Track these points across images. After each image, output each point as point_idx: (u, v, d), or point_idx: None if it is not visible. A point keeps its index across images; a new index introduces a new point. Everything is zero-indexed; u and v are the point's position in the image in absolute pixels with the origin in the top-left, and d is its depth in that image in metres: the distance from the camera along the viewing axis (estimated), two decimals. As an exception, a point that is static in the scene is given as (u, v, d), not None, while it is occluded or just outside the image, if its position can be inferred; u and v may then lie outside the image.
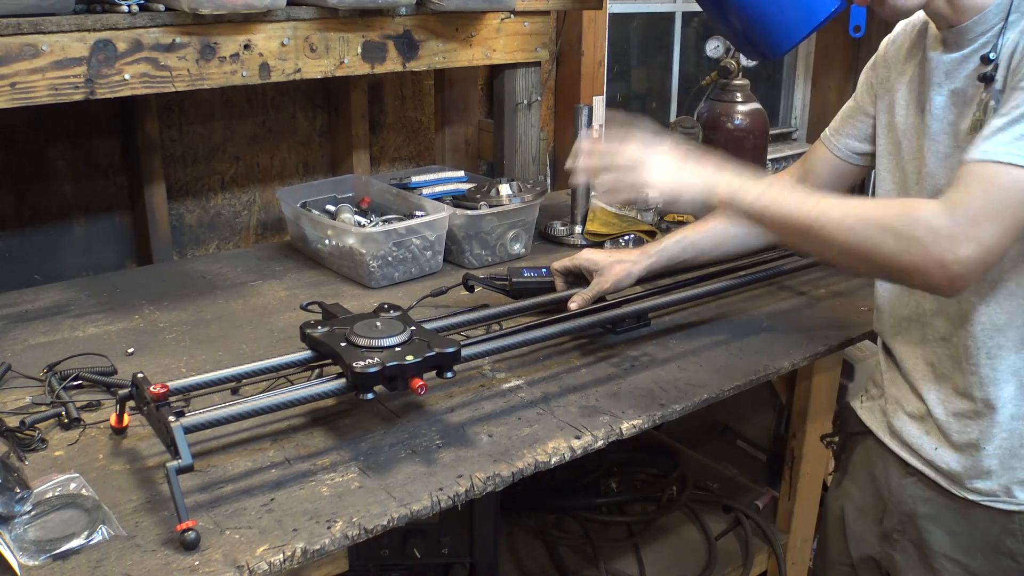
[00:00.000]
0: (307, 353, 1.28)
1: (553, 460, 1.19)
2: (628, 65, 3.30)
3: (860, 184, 1.56)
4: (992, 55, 1.12)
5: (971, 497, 1.23)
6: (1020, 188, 1.00)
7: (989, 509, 1.23)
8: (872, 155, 1.40)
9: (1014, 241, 1.02)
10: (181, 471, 1.01)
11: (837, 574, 1.49)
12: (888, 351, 1.38)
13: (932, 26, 1.24)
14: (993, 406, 1.20)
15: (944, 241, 1.01)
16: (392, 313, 1.30)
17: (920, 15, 1.30)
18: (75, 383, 1.35)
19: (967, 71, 1.17)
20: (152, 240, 2.07)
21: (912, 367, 1.31)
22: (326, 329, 1.25)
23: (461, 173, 2.13)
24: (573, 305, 1.49)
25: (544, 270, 1.72)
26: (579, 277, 1.60)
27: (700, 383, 1.40)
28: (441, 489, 1.11)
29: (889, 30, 1.38)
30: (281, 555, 0.98)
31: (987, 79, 1.13)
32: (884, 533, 1.36)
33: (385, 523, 1.05)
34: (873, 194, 1.39)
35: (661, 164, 1.21)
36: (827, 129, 1.50)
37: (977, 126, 1.13)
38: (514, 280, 1.67)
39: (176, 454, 1.02)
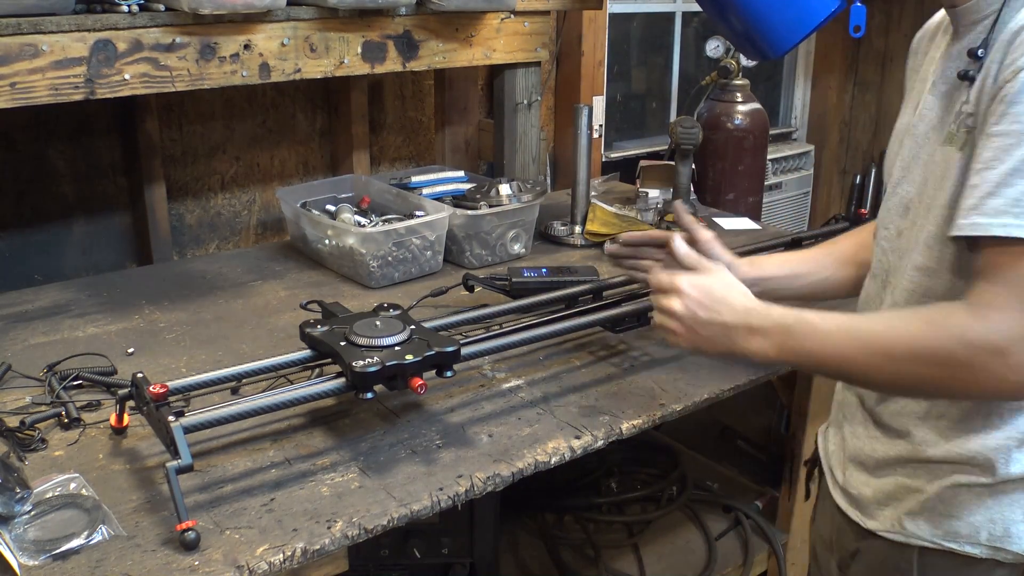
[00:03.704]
0: (307, 352, 1.28)
1: (553, 460, 1.19)
2: (628, 65, 3.30)
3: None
4: (981, 52, 0.96)
5: (870, 526, 1.13)
6: None
7: (888, 542, 1.12)
8: None
9: None
10: (181, 471, 1.01)
11: None
12: None
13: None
14: (910, 440, 1.09)
15: (988, 356, 0.89)
16: (392, 312, 1.30)
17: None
18: (75, 383, 1.35)
19: (960, 66, 1.02)
20: (152, 240, 2.07)
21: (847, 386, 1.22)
22: (326, 328, 1.25)
23: (461, 173, 2.13)
24: (687, 217, 1.31)
25: (544, 270, 1.72)
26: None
27: (700, 383, 1.40)
28: (441, 489, 1.11)
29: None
30: (281, 555, 0.98)
31: (966, 77, 0.98)
32: (838, 566, 1.25)
33: (385, 523, 1.05)
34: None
35: (689, 304, 1.09)
36: None
37: (951, 140, 1.00)
38: (514, 280, 1.67)
39: (176, 454, 1.02)
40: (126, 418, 1.21)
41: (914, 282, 1.05)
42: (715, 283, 1.11)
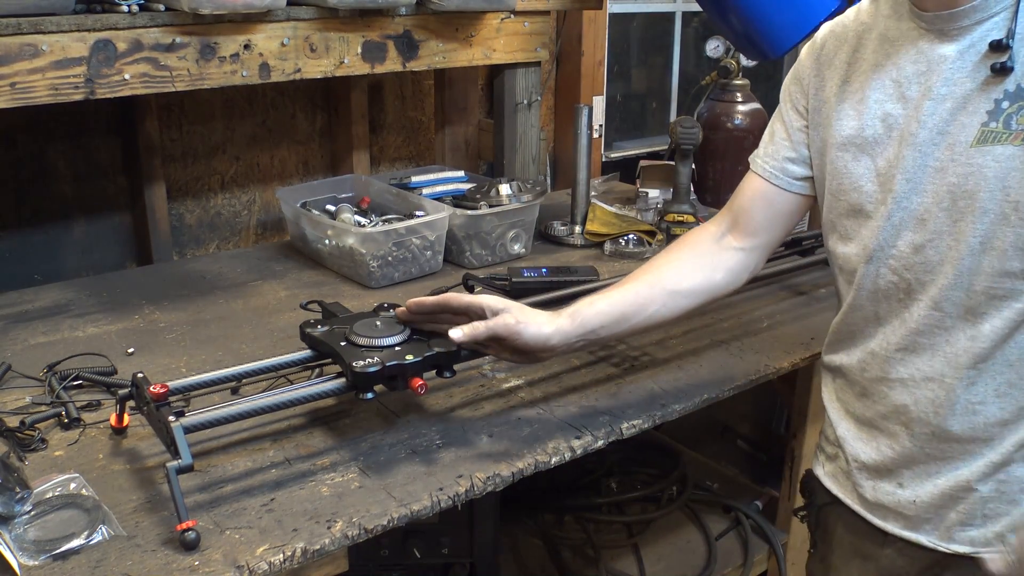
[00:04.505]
0: (307, 352, 1.28)
1: (553, 460, 1.19)
2: (628, 65, 3.30)
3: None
4: (1009, 41, 0.95)
5: (962, 549, 1.08)
6: None
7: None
8: (812, 180, 1.21)
9: None
10: (181, 471, 1.00)
11: None
12: (840, 394, 1.23)
13: (896, 15, 1.08)
14: (990, 443, 1.05)
15: None
16: (392, 312, 1.30)
17: (851, 13, 1.14)
18: (75, 383, 1.35)
19: (967, 67, 0.99)
20: (152, 240, 2.07)
21: (883, 403, 1.14)
22: (326, 328, 1.25)
23: (461, 173, 2.13)
24: (457, 335, 1.15)
25: (544, 270, 1.72)
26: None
27: (700, 383, 1.40)
28: (441, 489, 1.11)
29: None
30: (281, 555, 0.98)
31: (1002, 70, 0.96)
32: None
33: (385, 523, 1.05)
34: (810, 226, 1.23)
35: None
36: (756, 156, 1.26)
37: (989, 139, 0.97)
38: (514, 280, 1.67)
39: (176, 454, 1.02)
40: (126, 418, 1.21)
41: (1006, 288, 1.00)
42: None
